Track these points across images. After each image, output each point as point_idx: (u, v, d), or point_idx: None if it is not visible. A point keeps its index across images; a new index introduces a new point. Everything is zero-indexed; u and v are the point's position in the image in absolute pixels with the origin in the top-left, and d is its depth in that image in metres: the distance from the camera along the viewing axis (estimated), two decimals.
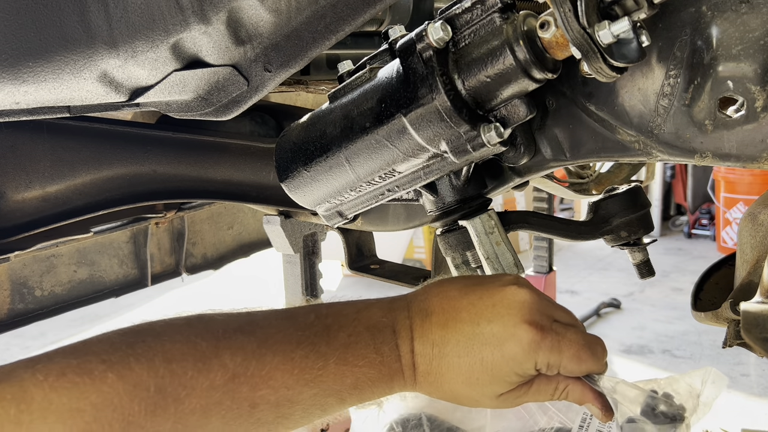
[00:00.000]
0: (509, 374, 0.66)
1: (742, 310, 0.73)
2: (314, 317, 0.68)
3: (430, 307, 0.70)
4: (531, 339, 0.65)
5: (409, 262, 5.97)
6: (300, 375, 0.63)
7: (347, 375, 0.65)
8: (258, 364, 0.61)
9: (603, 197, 0.93)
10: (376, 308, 0.70)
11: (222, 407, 0.59)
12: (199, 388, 0.58)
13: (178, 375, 0.58)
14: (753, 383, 3.79)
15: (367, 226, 1.49)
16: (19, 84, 0.76)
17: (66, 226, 1.27)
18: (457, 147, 0.71)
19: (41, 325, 1.71)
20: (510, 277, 0.73)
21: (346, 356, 0.65)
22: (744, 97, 0.63)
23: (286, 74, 0.79)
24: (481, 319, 0.67)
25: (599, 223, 0.93)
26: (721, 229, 6.55)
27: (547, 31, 0.63)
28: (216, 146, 1.41)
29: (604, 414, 0.70)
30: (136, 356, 0.57)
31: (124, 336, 0.59)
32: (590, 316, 4.93)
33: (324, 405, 0.66)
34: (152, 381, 0.56)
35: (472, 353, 0.66)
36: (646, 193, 1.08)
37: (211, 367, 0.59)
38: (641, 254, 0.95)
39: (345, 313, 0.69)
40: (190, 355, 0.59)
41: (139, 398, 0.55)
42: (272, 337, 0.64)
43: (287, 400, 0.63)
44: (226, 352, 0.61)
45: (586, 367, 0.67)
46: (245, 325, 0.64)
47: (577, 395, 0.70)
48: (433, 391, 0.70)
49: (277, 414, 0.63)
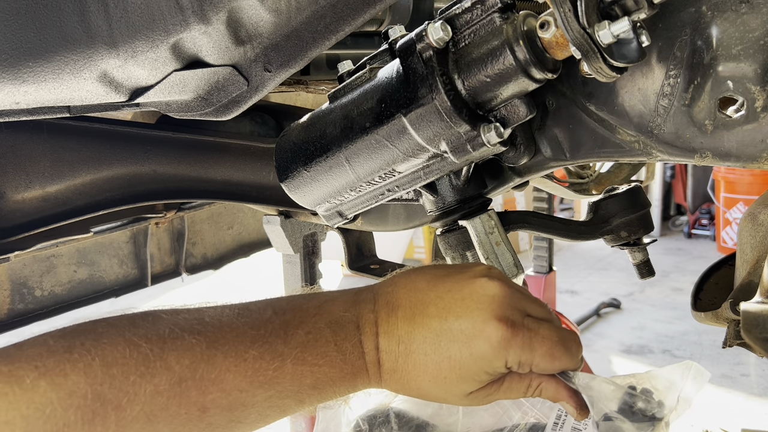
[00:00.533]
0: (478, 373, 0.63)
1: (742, 310, 0.73)
2: (271, 313, 0.63)
3: (396, 300, 0.66)
4: (501, 337, 0.61)
5: (409, 262, 5.97)
6: (254, 377, 0.59)
7: (306, 375, 0.61)
8: (207, 366, 0.57)
9: (603, 197, 0.93)
10: (339, 302, 0.66)
11: (168, 413, 0.55)
12: (142, 394, 0.54)
13: (119, 380, 0.53)
14: (753, 383, 3.79)
15: (367, 226, 1.49)
16: (19, 84, 0.76)
17: (66, 226, 1.27)
18: (457, 147, 0.71)
19: (41, 325, 1.71)
20: (481, 267, 0.68)
21: (305, 355, 0.61)
22: (744, 97, 0.63)
23: (286, 74, 0.79)
24: (450, 314, 0.63)
25: (599, 223, 0.93)
26: (721, 229, 6.55)
27: (547, 31, 0.63)
28: (216, 146, 1.41)
29: (578, 412, 0.67)
30: (72, 361, 0.53)
31: (61, 338, 0.55)
32: (590, 316, 4.93)
33: (281, 406, 0.62)
34: (89, 388, 0.52)
35: (439, 351, 0.62)
36: (646, 193, 1.08)
37: (155, 371, 0.55)
38: (641, 254, 0.95)
39: (305, 308, 0.65)
40: (132, 358, 0.55)
41: (74, 407, 0.51)
42: (224, 336, 0.59)
43: (240, 403, 0.59)
44: (171, 354, 0.56)
45: (560, 364, 0.64)
46: (194, 324, 0.60)
47: (550, 393, 0.67)
48: (399, 388, 0.66)
49: (230, 418, 0.59)
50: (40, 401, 0.51)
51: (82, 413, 0.52)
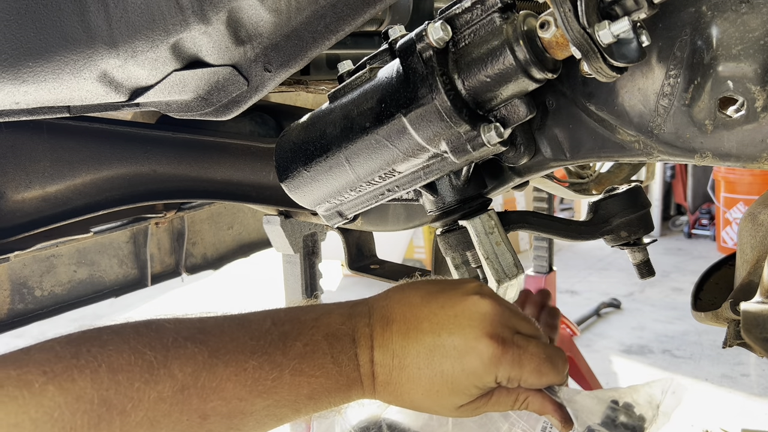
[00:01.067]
0: (469, 387, 0.65)
1: (742, 310, 0.73)
2: (270, 324, 0.66)
3: (391, 314, 0.68)
4: (492, 354, 0.64)
5: (409, 262, 5.97)
6: (253, 386, 0.61)
7: (303, 386, 0.64)
8: (209, 375, 0.60)
9: (603, 197, 0.93)
10: (336, 314, 0.69)
11: (171, 419, 0.58)
12: (146, 400, 0.56)
13: (124, 386, 0.56)
14: (753, 383, 3.79)
15: (367, 226, 1.49)
16: (19, 84, 0.76)
17: (66, 226, 1.27)
18: (457, 147, 0.71)
19: (41, 325, 1.71)
20: (473, 284, 0.71)
21: (302, 366, 0.63)
22: (744, 97, 0.63)
23: (286, 74, 0.79)
24: (443, 330, 0.66)
25: (599, 223, 0.92)
26: (721, 229, 6.55)
27: (547, 31, 0.63)
28: (216, 146, 1.41)
29: (563, 425, 0.69)
30: (79, 367, 0.55)
31: (68, 344, 0.57)
32: (590, 316, 4.93)
33: (278, 415, 0.64)
34: (96, 393, 0.54)
35: (432, 365, 0.65)
36: (646, 193, 1.08)
37: (159, 378, 0.57)
38: (641, 254, 0.95)
39: (303, 320, 0.67)
40: (137, 365, 0.57)
41: (81, 411, 0.53)
42: (225, 346, 0.62)
43: (240, 411, 0.61)
44: (175, 362, 0.59)
45: (547, 380, 0.67)
46: (197, 334, 0.62)
47: (536, 406, 0.70)
48: (392, 400, 0.69)
49: (229, 425, 0.61)
50: (49, 405, 0.52)
51: (89, 417, 0.54)
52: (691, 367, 4.06)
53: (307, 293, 1.96)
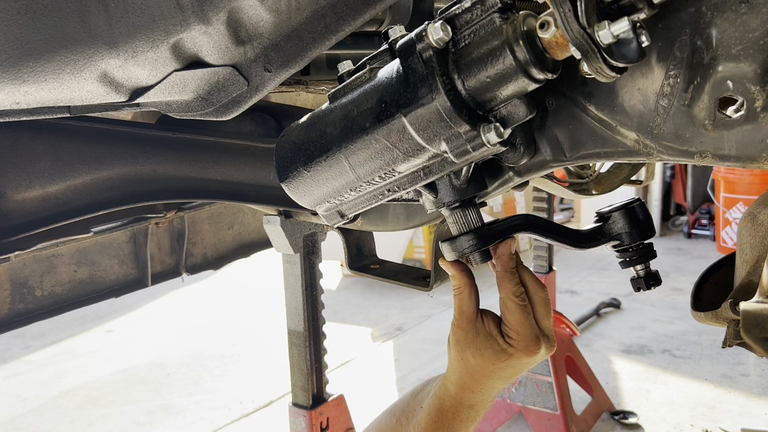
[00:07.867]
0: None
1: (742, 310, 0.73)
2: None
3: None
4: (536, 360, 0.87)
5: (409, 262, 5.97)
6: None
7: None
8: None
9: (606, 216, 0.92)
10: None
11: None
12: None
13: None
14: (753, 383, 3.79)
15: (367, 226, 1.49)
16: (19, 84, 0.76)
17: (66, 226, 1.27)
18: (457, 147, 0.71)
19: (41, 325, 1.71)
20: None
21: None
22: (744, 97, 0.63)
23: (286, 74, 0.79)
24: None
25: (602, 240, 0.94)
26: (720, 229, 6.55)
27: (547, 31, 0.63)
28: (216, 146, 1.41)
29: None
30: None
31: None
32: (590, 316, 4.93)
33: None
34: None
35: None
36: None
37: None
38: (644, 271, 0.93)
39: None
40: None
41: None
42: None
43: None
44: None
45: None
46: None
47: None
48: None
49: None
50: None
51: None
52: (690, 366, 4.06)
53: (307, 293, 1.96)
